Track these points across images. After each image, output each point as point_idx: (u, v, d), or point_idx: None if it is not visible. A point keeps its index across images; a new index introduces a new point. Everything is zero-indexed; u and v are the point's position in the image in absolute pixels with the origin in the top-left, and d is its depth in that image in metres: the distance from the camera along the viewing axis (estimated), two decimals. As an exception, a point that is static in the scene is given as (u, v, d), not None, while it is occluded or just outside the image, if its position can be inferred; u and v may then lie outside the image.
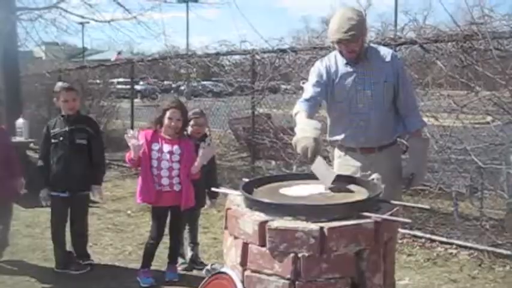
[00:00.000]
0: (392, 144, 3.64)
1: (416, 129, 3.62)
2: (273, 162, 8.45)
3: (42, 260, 5.12)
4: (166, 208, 4.52)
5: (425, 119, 5.98)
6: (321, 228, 2.31)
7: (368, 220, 2.40)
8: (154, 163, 4.40)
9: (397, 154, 3.70)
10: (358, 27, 3.30)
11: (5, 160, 4.86)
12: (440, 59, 5.64)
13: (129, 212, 7.04)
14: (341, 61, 3.55)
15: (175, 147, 4.43)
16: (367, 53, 3.50)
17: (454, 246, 5.34)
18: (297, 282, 2.33)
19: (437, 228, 5.78)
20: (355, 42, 3.34)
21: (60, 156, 4.71)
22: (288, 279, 2.34)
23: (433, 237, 5.55)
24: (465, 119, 5.76)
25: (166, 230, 4.64)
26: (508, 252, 4.95)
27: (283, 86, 8.60)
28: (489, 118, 5.79)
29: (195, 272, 4.83)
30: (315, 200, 2.58)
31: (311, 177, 3.03)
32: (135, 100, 11.41)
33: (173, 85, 11.38)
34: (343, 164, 3.63)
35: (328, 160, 3.79)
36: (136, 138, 4.31)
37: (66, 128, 4.74)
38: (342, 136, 3.60)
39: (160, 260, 4.79)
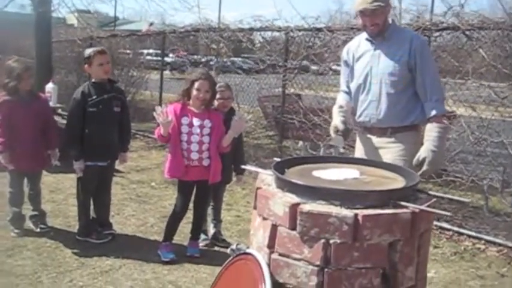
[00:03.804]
0: (408, 129, 3.56)
1: (434, 116, 3.45)
2: (300, 143, 8.33)
3: (64, 226, 5.11)
4: (193, 182, 4.44)
5: (462, 109, 5.86)
6: (356, 215, 2.20)
7: (405, 210, 2.29)
8: (184, 137, 4.29)
9: (413, 141, 3.57)
10: (382, 0, 3.44)
11: (43, 129, 4.85)
12: (483, 47, 5.42)
13: (153, 183, 7.01)
14: (363, 39, 3.67)
15: (206, 120, 4.32)
16: (388, 30, 3.56)
17: (483, 242, 5.18)
18: (325, 270, 2.23)
19: (466, 222, 5.62)
20: (378, 15, 3.45)
21: (100, 124, 4.61)
22: (316, 265, 2.24)
23: (461, 230, 5.39)
24: (505, 112, 5.55)
25: (190, 205, 4.58)
26: (540, 251, 4.80)
27: (313, 67, 8.42)
28: (531, 112, 5.58)
29: (216, 249, 4.78)
30: (350, 185, 2.46)
31: (346, 160, 2.95)
32: (165, 72, 11.37)
33: (203, 59, 11.25)
34: (362, 141, 3.74)
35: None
36: (165, 115, 4.22)
37: (105, 96, 4.65)
38: (358, 114, 3.69)
39: (182, 235, 4.74)
